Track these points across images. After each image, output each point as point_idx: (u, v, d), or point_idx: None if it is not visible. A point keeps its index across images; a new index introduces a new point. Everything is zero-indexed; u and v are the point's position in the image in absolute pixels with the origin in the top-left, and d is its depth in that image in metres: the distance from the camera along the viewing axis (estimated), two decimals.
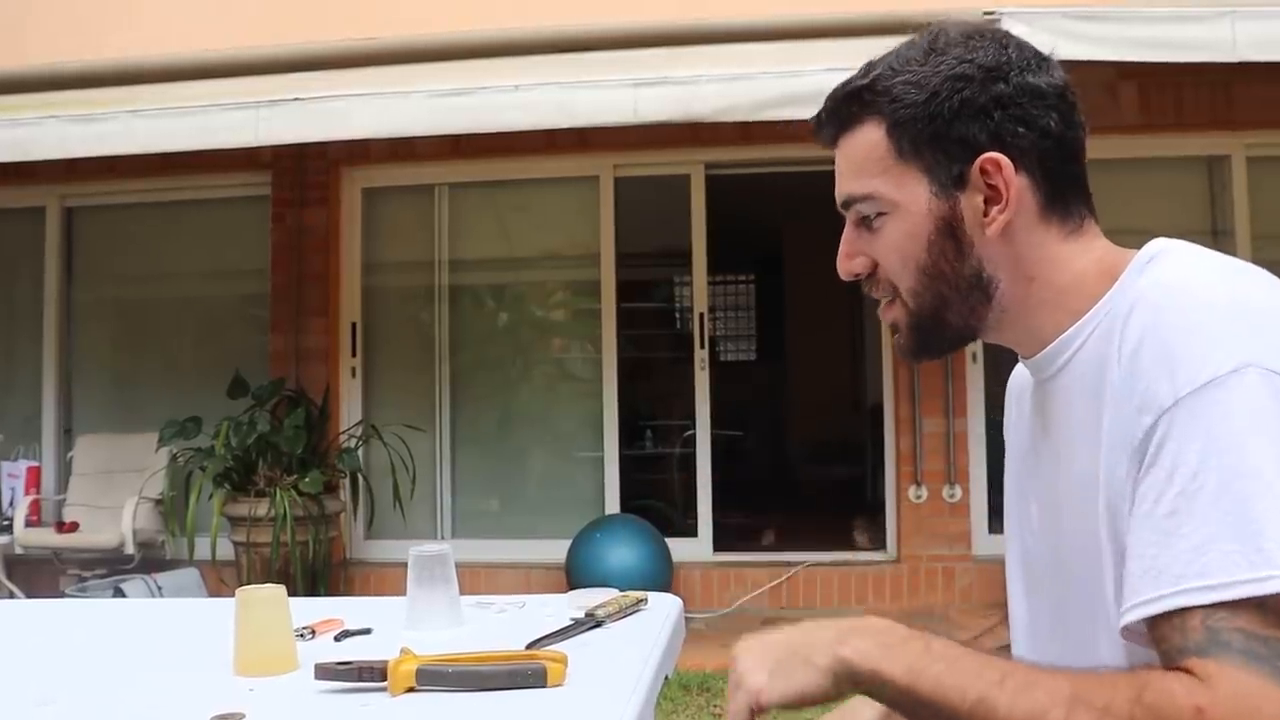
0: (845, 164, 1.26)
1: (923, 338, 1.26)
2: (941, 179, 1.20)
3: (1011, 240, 1.20)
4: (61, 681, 1.44)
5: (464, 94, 4.94)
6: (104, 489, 6.34)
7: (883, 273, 1.25)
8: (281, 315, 6.60)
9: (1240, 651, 0.94)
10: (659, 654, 1.47)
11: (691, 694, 4.53)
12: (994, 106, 1.18)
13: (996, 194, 1.19)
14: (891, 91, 1.20)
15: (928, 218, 1.21)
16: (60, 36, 5.99)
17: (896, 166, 1.21)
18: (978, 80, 1.19)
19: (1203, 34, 4.62)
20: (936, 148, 1.19)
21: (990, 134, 1.18)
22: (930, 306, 1.23)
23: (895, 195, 1.21)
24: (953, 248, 1.21)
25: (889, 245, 1.23)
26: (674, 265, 8.02)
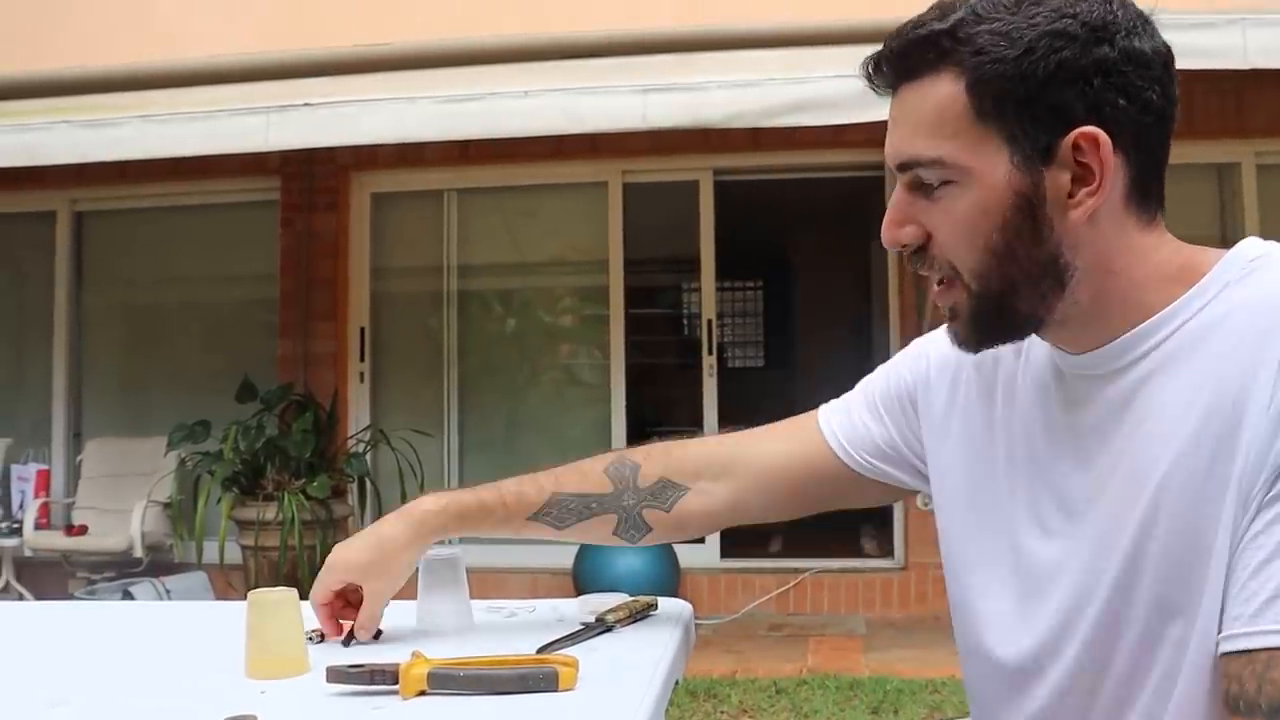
0: (907, 119, 1.10)
1: (984, 326, 1.12)
2: (1026, 150, 1.05)
3: (1095, 225, 1.08)
4: (73, 683, 1.44)
5: (473, 99, 4.95)
6: (113, 492, 6.36)
7: (938, 248, 1.11)
8: (290, 320, 6.61)
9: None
10: (670, 658, 1.46)
11: (699, 700, 4.53)
12: (1095, 72, 1.04)
13: (1088, 174, 1.06)
14: (976, 41, 1.04)
15: (1005, 192, 1.06)
16: (71, 42, 6.01)
17: (974, 130, 1.06)
18: (1080, 40, 1.03)
19: (1214, 41, 4.62)
20: (1024, 113, 1.04)
21: (1087, 104, 1.04)
22: (997, 291, 1.08)
23: (969, 162, 1.06)
24: (1029, 228, 1.06)
25: (953, 218, 1.08)
26: (682, 271, 8.03)
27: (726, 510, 1.55)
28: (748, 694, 4.59)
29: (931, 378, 1.37)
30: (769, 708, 4.45)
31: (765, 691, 4.61)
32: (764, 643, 5.34)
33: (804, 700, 4.49)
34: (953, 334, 1.16)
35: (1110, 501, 1.11)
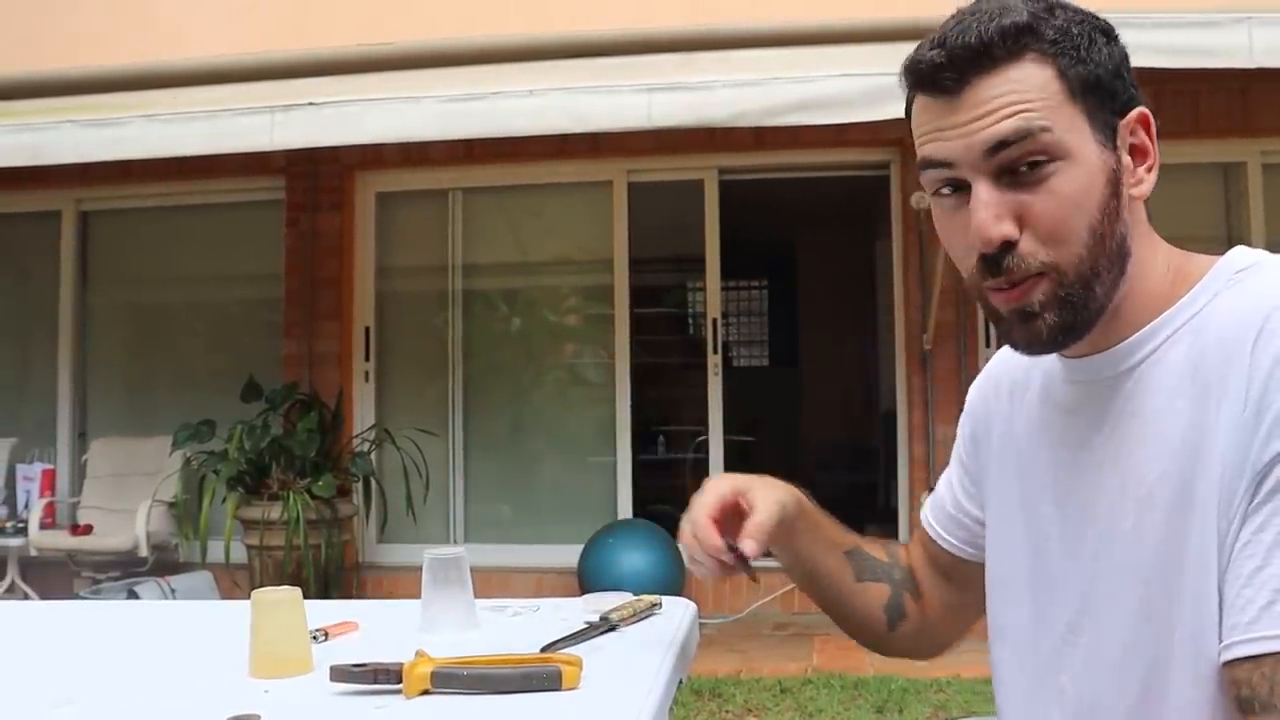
0: (1001, 100, 1.07)
1: (1075, 315, 1.09)
2: (1102, 128, 1.09)
3: (1135, 211, 1.12)
4: (78, 682, 1.44)
5: (477, 99, 4.95)
6: (118, 492, 6.37)
7: (1029, 243, 1.08)
8: (295, 319, 6.61)
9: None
10: (674, 657, 1.46)
11: (704, 699, 4.52)
12: (1124, 63, 1.12)
13: (1140, 153, 1.12)
14: (1047, 34, 1.08)
15: (1099, 169, 1.08)
16: (75, 42, 6.01)
17: (1067, 109, 1.07)
18: (1110, 35, 1.13)
19: (1219, 40, 4.61)
20: (1096, 94, 1.08)
21: (1127, 91, 1.12)
22: (1088, 276, 1.08)
23: (1070, 139, 1.07)
24: (1115, 207, 1.08)
25: (1059, 199, 1.06)
26: (687, 270, 8.03)
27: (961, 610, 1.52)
28: (752, 693, 4.59)
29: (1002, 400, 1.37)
30: (774, 707, 4.45)
31: (770, 691, 4.60)
32: (769, 642, 5.34)
33: (809, 700, 4.49)
34: (1031, 334, 1.11)
35: (1107, 508, 1.12)
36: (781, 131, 4.78)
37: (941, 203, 1.14)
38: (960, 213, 1.11)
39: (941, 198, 1.14)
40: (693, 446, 6.95)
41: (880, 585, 1.47)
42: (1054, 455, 1.22)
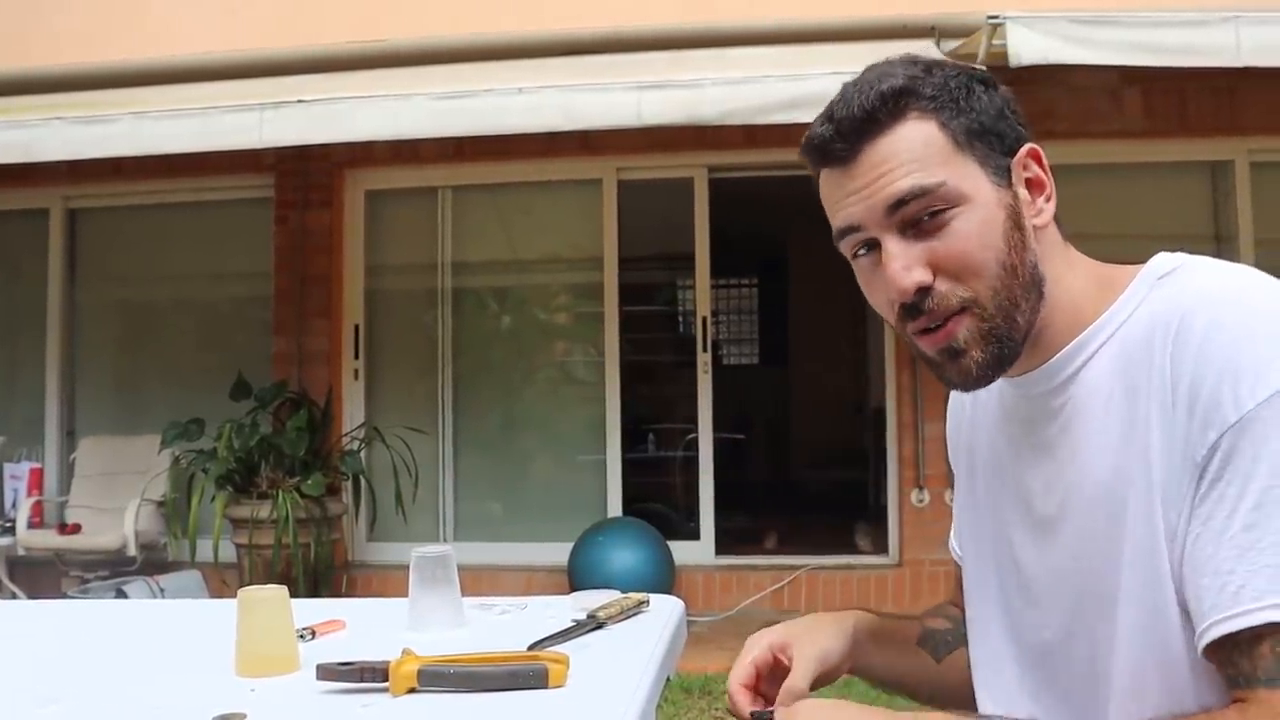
0: (891, 162, 1.14)
1: (1000, 347, 1.15)
2: (994, 171, 1.15)
3: (1044, 237, 1.18)
4: (64, 682, 1.44)
5: (467, 96, 4.94)
6: (106, 491, 6.35)
7: (944, 284, 1.13)
8: (284, 317, 6.60)
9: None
10: (661, 655, 1.46)
11: (693, 697, 4.53)
12: (1006, 107, 1.19)
13: (1036, 186, 1.18)
14: (925, 92, 1.15)
15: (997, 207, 1.14)
16: (65, 39, 6.00)
17: (956, 159, 1.13)
18: (987, 84, 1.19)
19: (1207, 39, 4.62)
20: (982, 140, 1.15)
21: (1014, 132, 1.18)
22: (1007, 307, 1.13)
23: (965, 185, 1.13)
24: (1020, 239, 1.14)
25: (963, 240, 1.13)
26: (677, 269, 8.04)
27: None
28: None
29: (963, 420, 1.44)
30: None
31: None
32: None
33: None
34: (961, 371, 1.17)
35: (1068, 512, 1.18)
36: (772, 130, 4.77)
37: (860, 264, 1.21)
38: (878, 270, 1.17)
39: (860, 259, 1.20)
40: (682, 444, 6.94)
41: (957, 652, 1.47)
42: (1013, 465, 1.28)
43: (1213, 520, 0.99)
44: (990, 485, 1.33)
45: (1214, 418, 1.00)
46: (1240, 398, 0.98)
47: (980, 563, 1.36)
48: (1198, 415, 1.01)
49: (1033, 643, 1.25)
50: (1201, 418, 1.01)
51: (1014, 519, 1.27)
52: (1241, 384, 0.98)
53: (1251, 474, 0.97)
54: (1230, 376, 0.99)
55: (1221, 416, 0.99)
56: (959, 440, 1.44)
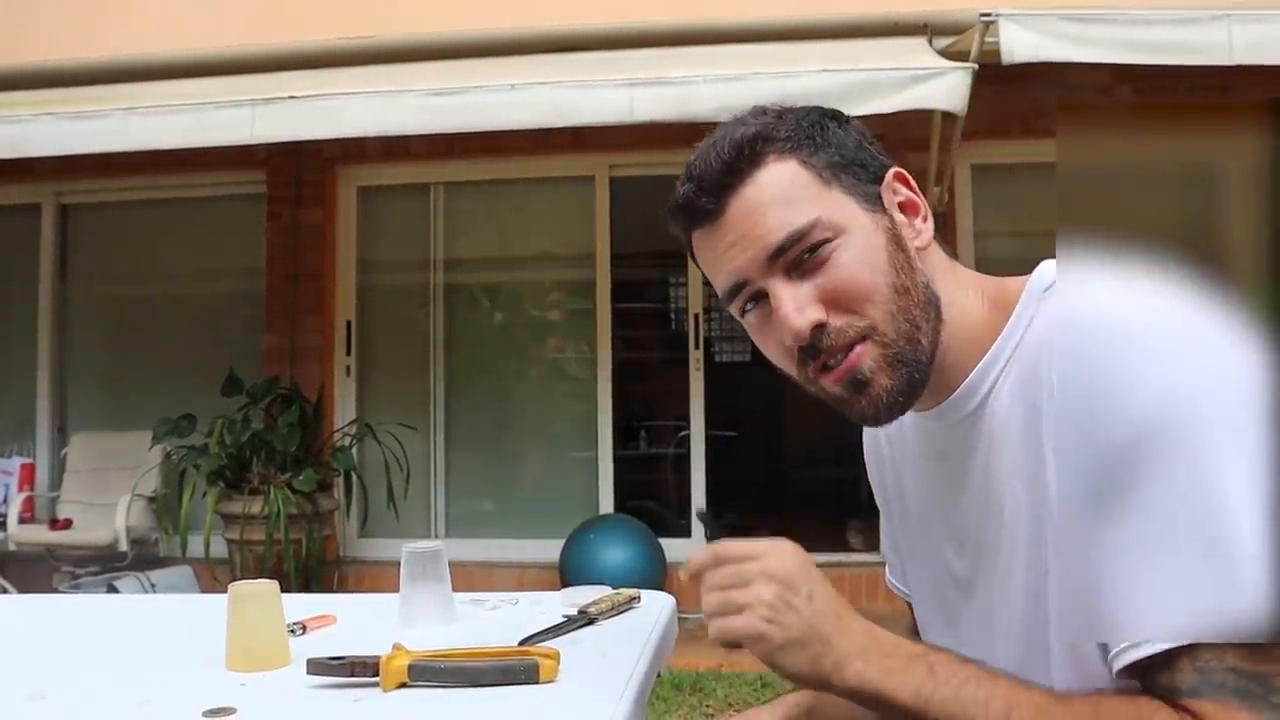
0: (761, 208, 1.13)
1: (909, 371, 1.13)
2: (864, 199, 1.15)
3: (930, 256, 1.17)
4: (53, 676, 1.43)
5: (460, 93, 4.94)
6: (98, 486, 6.34)
7: (839, 318, 1.12)
8: (276, 313, 6.59)
9: (1234, 691, 0.93)
10: (652, 651, 1.46)
11: (684, 694, 4.53)
12: (861, 139, 1.19)
13: (910, 209, 1.18)
14: (779, 135, 1.15)
15: (875, 232, 1.13)
16: (56, 34, 5.99)
17: (824, 193, 1.13)
18: (839, 119, 1.20)
19: (1199, 37, 4.63)
20: (847, 172, 1.15)
21: (874, 160, 1.18)
22: (908, 330, 1.12)
23: (839, 218, 1.13)
24: (905, 260, 1.14)
25: (848, 270, 1.11)
26: (669, 266, 8.04)
27: None
28: (733, 688, 4.60)
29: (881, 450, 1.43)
30: (754, 701, 4.45)
31: (751, 685, 4.61)
32: None
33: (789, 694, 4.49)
34: (871, 401, 1.14)
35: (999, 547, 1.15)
36: None
37: (750, 320, 1.19)
38: (769, 321, 1.16)
39: (748, 315, 1.19)
40: (674, 442, 6.94)
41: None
42: (941, 500, 1.26)
43: (1109, 545, 0.97)
44: (927, 524, 1.31)
45: (1106, 445, 0.96)
46: (1133, 423, 0.94)
47: (927, 606, 1.35)
48: (1089, 443, 0.97)
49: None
50: (1092, 445, 0.97)
51: (952, 556, 1.25)
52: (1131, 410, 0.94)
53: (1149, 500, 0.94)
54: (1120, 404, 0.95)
55: (1114, 444, 0.95)
56: (884, 483, 1.43)
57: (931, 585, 1.32)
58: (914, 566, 1.38)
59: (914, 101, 4.52)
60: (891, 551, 1.49)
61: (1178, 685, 0.96)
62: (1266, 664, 0.93)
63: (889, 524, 1.46)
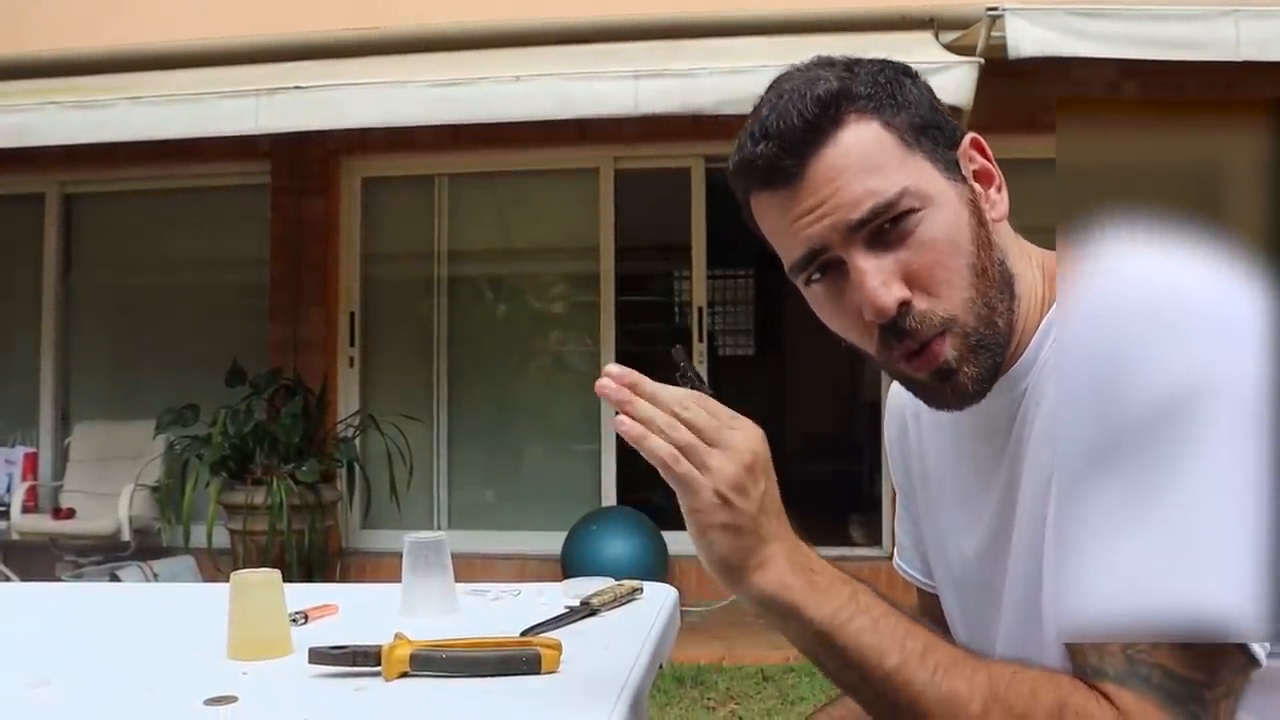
0: (843, 174, 1.06)
1: (990, 356, 1.08)
2: (945, 164, 1.09)
3: (1000, 232, 1.12)
4: (55, 664, 1.44)
5: (464, 84, 4.94)
6: (101, 476, 6.35)
7: (923, 301, 1.06)
8: (280, 304, 6.60)
9: (1158, 689, 0.90)
10: (654, 642, 1.46)
11: (685, 686, 4.54)
12: (933, 99, 1.13)
13: (985, 177, 1.13)
14: (858, 91, 1.07)
15: (959, 204, 1.08)
16: (60, 24, 5.98)
17: (909, 159, 1.06)
18: (910, 74, 1.14)
19: (1206, 33, 4.63)
20: (928, 136, 1.09)
21: (948, 123, 1.12)
22: (986, 315, 1.07)
23: (925, 186, 1.06)
24: (986, 235, 1.08)
25: (933, 248, 1.06)
26: (673, 259, 8.02)
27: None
28: (735, 681, 4.60)
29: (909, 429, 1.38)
30: (756, 694, 4.46)
31: (752, 678, 4.62)
32: (751, 630, 5.34)
33: (790, 687, 4.50)
34: (958, 391, 1.10)
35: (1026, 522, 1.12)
36: None
37: (815, 290, 1.14)
38: (841, 294, 1.11)
39: (813, 285, 1.13)
40: None
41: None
42: (977, 480, 1.22)
43: (1083, 522, 0.94)
44: (960, 505, 1.26)
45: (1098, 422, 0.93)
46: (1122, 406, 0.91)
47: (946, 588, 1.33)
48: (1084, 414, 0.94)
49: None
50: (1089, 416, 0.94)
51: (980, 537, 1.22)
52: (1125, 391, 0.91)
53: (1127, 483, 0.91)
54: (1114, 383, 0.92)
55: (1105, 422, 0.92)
56: (909, 464, 1.38)
57: (948, 568, 1.30)
58: (936, 550, 1.34)
59: None
60: (905, 535, 1.45)
61: (1103, 668, 0.93)
62: (1198, 672, 0.90)
63: (907, 506, 1.42)
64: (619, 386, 1.03)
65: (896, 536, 1.49)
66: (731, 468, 1.00)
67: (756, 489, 1.01)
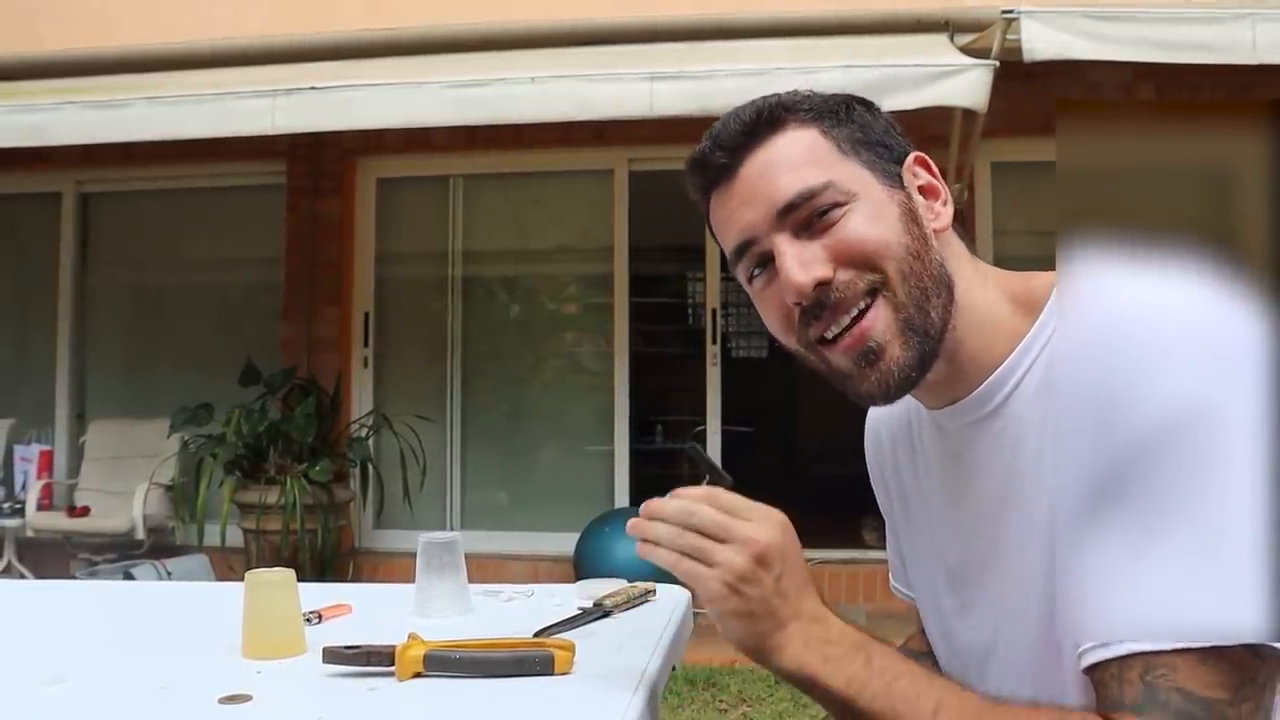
0: (774, 168, 1.12)
1: (920, 343, 1.10)
2: (884, 174, 1.13)
3: (948, 245, 1.14)
4: (71, 661, 1.44)
5: (480, 85, 4.94)
6: (115, 474, 6.37)
7: (846, 273, 1.09)
8: (294, 304, 6.61)
9: (1176, 713, 0.91)
10: (667, 644, 1.46)
11: (697, 688, 4.53)
12: (888, 124, 1.19)
13: (933, 190, 1.16)
14: (805, 105, 1.16)
15: (889, 203, 1.12)
16: (78, 23, 6.01)
17: (842, 162, 1.12)
18: (867, 105, 1.20)
19: (1222, 36, 4.61)
20: (868, 148, 1.14)
21: (897, 144, 1.17)
22: (918, 296, 1.09)
23: (854, 186, 1.11)
24: (919, 233, 1.11)
25: (860, 227, 1.09)
26: (687, 260, 8.02)
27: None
28: (747, 683, 4.60)
29: (884, 450, 1.40)
30: (768, 697, 4.45)
31: (764, 681, 4.61)
32: None
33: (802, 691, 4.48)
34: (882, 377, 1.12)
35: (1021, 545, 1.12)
36: None
37: (755, 288, 1.18)
38: (774, 285, 1.14)
39: (755, 281, 1.17)
40: (690, 436, 6.94)
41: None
42: (949, 501, 1.24)
43: (1098, 543, 0.95)
44: (932, 526, 1.28)
45: (1105, 440, 0.94)
46: (1137, 426, 0.92)
47: (925, 608, 1.34)
48: (1090, 437, 0.95)
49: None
50: (1093, 439, 0.95)
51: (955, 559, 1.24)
52: (1138, 412, 0.92)
53: (1142, 504, 0.92)
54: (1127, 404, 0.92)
55: (1119, 443, 0.93)
56: (886, 485, 1.40)
57: (929, 587, 1.31)
58: (915, 569, 1.37)
59: (935, 98, 4.51)
60: (894, 555, 1.47)
61: (1122, 698, 0.94)
62: (1217, 690, 0.91)
63: (893, 528, 1.45)
64: (633, 522, 1.15)
65: (889, 558, 1.51)
66: (740, 560, 1.05)
67: (770, 575, 1.06)
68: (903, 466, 1.34)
